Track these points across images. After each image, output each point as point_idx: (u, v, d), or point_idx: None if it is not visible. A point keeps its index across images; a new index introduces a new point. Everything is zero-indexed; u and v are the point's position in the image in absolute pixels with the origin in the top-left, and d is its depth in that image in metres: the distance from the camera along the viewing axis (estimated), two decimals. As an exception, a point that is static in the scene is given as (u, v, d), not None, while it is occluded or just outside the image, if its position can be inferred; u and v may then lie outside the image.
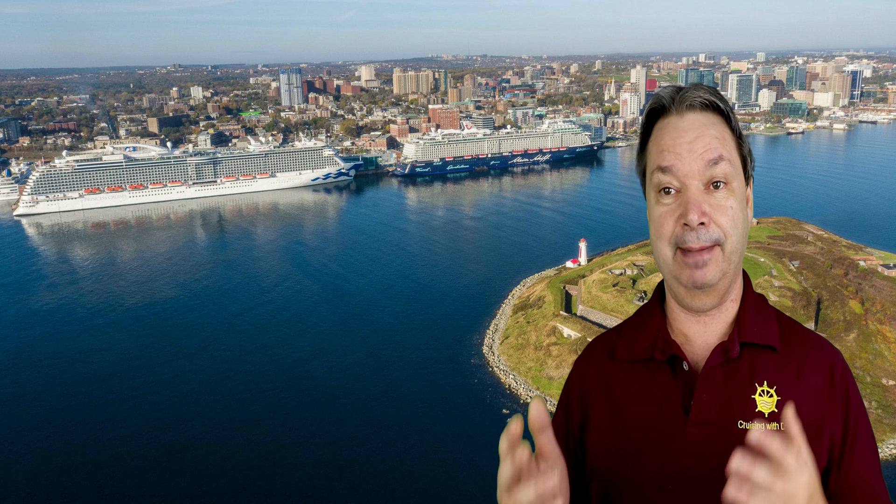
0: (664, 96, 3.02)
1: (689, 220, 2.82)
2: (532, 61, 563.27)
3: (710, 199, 2.86)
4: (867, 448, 2.96)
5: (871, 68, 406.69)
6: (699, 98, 2.95)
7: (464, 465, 65.11)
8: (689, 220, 2.82)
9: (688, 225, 2.83)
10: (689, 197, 2.85)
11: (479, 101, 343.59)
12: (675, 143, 2.91)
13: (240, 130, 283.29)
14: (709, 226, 2.83)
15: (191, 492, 61.98)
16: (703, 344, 3.05)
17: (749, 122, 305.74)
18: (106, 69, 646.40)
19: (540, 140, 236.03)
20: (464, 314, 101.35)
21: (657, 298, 3.25)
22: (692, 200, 2.84)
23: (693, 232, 2.83)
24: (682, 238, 2.86)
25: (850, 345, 78.33)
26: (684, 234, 2.85)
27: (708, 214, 2.83)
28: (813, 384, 2.95)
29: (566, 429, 3.29)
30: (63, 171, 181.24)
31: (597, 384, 3.23)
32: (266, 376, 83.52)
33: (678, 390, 2.99)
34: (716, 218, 2.84)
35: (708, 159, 2.86)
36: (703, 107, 2.95)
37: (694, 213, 2.82)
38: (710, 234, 2.83)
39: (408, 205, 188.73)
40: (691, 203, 2.84)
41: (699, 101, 2.95)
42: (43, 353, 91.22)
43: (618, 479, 3.05)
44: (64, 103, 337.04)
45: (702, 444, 2.88)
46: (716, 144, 2.89)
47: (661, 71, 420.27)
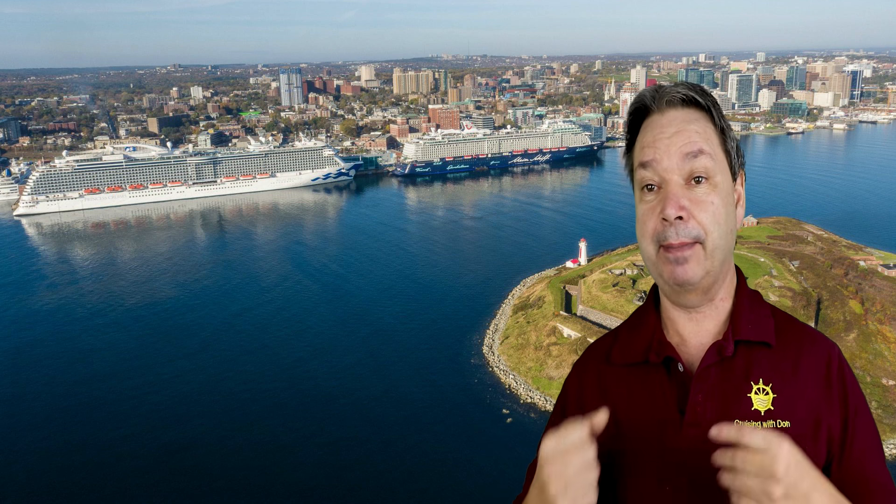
0: (646, 95, 3.04)
1: (666, 214, 2.82)
2: (532, 61, 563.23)
3: (689, 193, 2.85)
4: (869, 440, 2.94)
5: (871, 68, 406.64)
6: (679, 94, 2.95)
7: (464, 465, 65.10)
8: (667, 215, 2.82)
9: (666, 220, 2.83)
10: (668, 192, 2.85)
11: (479, 101, 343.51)
12: (654, 139, 2.92)
13: (240, 130, 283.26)
14: (688, 221, 2.82)
15: (191, 492, 61.98)
16: (697, 344, 3.05)
17: (749, 122, 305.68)
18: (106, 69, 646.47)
19: (540, 140, 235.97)
20: (464, 314, 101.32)
21: (652, 300, 3.25)
22: (670, 195, 2.84)
23: (672, 227, 2.83)
24: (662, 234, 2.85)
25: (850, 345, 78.31)
26: (665, 229, 2.84)
27: (687, 209, 2.82)
28: (809, 379, 2.94)
29: None
30: (63, 171, 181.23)
31: (593, 388, 3.24)
32: (266, 376, 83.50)
33: (674, 392, 2.99)
34: (695, 213, 2.83)
35: (686, 153, 2.86)
36: (683, 103, 2.96)
37: (672, 207, 2.82)
38: (689, 229, 2.82)
39: (408, 205, 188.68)
40: (669, 197, 2.84)
41: (679, 97, 2.95)
42: (43, 353, 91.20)
43: (616, 482, 3.06)
44: (64, 103, 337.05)
45: (698, 444, 2.87)
46: (696, 139, 2.88)
47: (661, 71, 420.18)
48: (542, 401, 76.86)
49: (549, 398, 77.23)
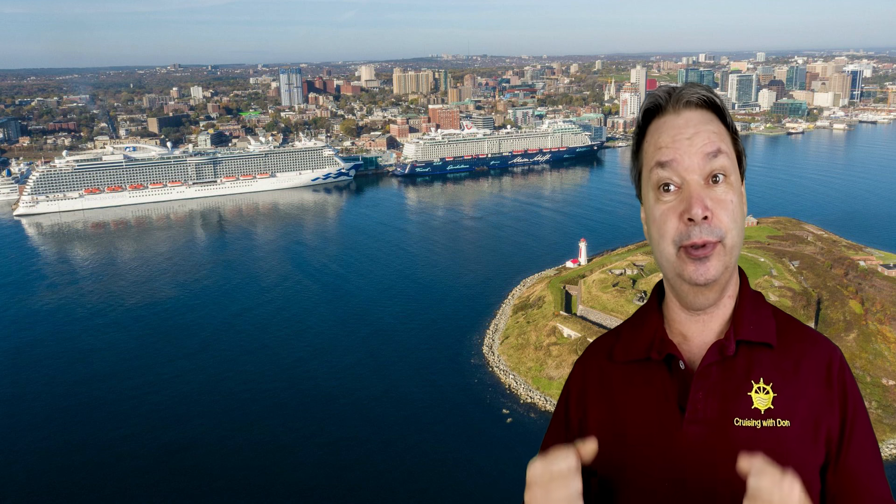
0: (660, 95, 3.05)
1: (693, 214, 2.83)
2: (532, 61, 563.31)
3: (710, 193, 2.88)
4: (866, 444, 2.97)
5: (871, 68, 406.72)
6: (696, 95, 2.98)
7: (464, 465, 65.12)
8: (694, 215, 2.83)
9: (692, 220, 2.84)
10: (692, 192, 2.87)
11: (479, 101, 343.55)
12: (673, 140, 2.93)
13: (240, 130, 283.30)
14: (711, 221, 2.84)
15: (191, 492, 61.99)
16: (700, 343, 3.07)
17: (749, 122, 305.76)
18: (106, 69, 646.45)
19: (540, 140, 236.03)
20: (464, 314, 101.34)
21: (655, 299, 3.27)
22: (695, 195, 2.86)
23: (696, 227, 2.84)
24: (686, 234, 2.86)
25: (850, 345, 78.32)
26: (689, 229, 2.85)
27: (710, 209, 2.85)
28: (810, 380, 2.96)
29: (565, 430, 3.32)
30: (63, 171, 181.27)
31: (595, 385, 3.26)
32: (266, 376, 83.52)
33: (675, 389, 3.02)
34: (717, 213, 2.86)
35: (707, 153, 2.89)
36: (700, 104, 2.98)
37: (698, 206, 2.83)
38: (714, 229, 2.84)
39: (408, 205, 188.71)
40: (694, 197, 2.85)
41: (696, 99, 2.98)
42: (43, 353, 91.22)
43: (616, 479, 3.08)
44: (64, 103, 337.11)
45: (698, 442, 2.91)
46: (714, 139, 2.92)
47: (661, 71, 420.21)
48: (542, 401, 76.87)
49: (549, 398, 77.25)
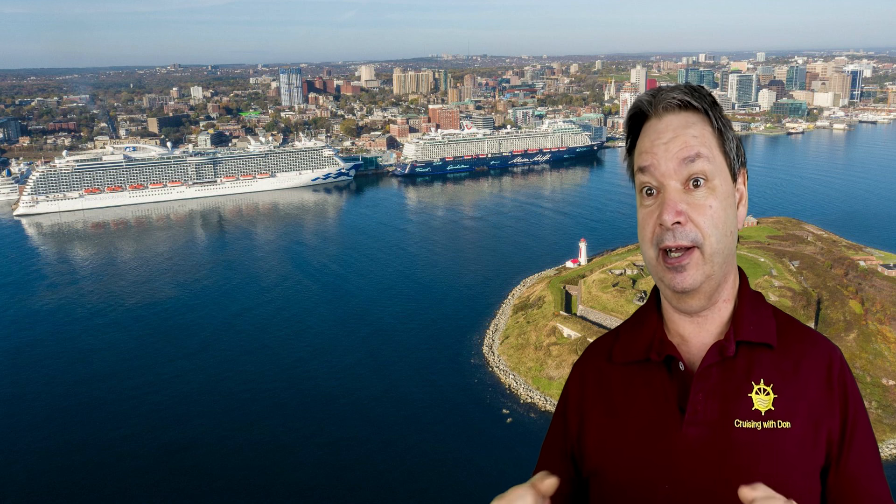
0: (643, 100, 3.05)
1: (663, 220, 2.85)
2: (532, 61, 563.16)
3: (688, 198, 2.87)
4: (866, 446, 2.96)
5: (871, 68, 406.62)
6: (674, 99, 2.96)
7: (464, 465, 65.10)
8: (664, 221, 2.85)
9: (662, 225, 2.86)
10: (666, 197, 2.87)
11: (479, 101, 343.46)
12: (652, 145, 2.94)
13: (240, 130, 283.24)
14: (685, 225, 2.84)
15: (191, 492, 61.98)
16: (699, 344, 3.06)
17: (749, 122, 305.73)
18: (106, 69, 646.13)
19: (540, 140, 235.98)
20: (464, 314, 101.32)
21: (654, 300, 3.26)
22: (668, 200, 2.86)
23: (670, 232, 2.85)
24: (660, 238, 2.88)
25: (850, 345, 78.30)
26: (662, 234, 2.87)
27: (685, 213, 2.84)
28: (811, 381, 2.95)
29: (564, 431, 3.30)
30: (63, 171, 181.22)
31: (594, 386, 3.25)
32: (266, 376, 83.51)
33: (674, 391, 3.00)
34: (693, 217, 2.85)
35: (682, 157, 2.88)
36: (679, 107, 2.97)
37: (668, 213, 2.84)
38: (687, 233, 2.84)
39: (408, 205, 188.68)
40: (667, 203, 2.86)
41: (675, 102, 2.96)
42: (43, 353, 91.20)
43: (616, 480, 3.06)
44: (64, 103, 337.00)
45: (698, 443, 2.89)
46: (693, 143, 2.89)
47: (661, 71, 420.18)
48: (542, 401, 76.85)
49: (549, 398, 77.24)
